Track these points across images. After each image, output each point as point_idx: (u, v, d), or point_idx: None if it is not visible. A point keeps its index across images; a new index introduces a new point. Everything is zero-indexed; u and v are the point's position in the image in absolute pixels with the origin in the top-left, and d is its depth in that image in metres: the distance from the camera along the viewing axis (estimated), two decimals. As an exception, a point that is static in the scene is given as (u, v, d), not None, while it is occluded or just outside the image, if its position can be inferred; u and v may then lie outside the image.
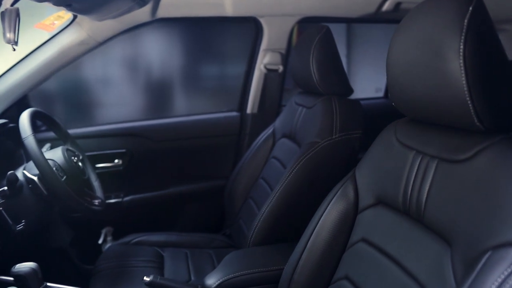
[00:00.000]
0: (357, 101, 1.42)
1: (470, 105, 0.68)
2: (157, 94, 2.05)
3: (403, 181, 0.85)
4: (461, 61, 0.68)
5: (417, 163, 0.82)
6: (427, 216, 0.78)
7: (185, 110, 2.09)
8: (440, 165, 0.77)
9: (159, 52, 2.09)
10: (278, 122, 1.71)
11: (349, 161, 1.34)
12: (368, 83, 2.37)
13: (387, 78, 0.88)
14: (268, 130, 1.74)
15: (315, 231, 1.03)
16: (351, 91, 1.46)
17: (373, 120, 1.46)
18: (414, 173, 0.83)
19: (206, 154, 2.00)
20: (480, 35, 0.68)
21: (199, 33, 2.08)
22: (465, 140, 0.74)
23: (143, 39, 2.01)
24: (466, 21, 0.68)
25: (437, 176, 0.77)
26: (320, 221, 1.03)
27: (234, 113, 2.05)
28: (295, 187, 1.32)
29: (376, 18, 1.90)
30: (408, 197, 0.83)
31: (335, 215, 1.01)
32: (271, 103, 2.01)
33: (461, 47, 0.68)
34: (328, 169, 1.33)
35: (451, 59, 0.69)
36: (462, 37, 0.68)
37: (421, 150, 0.82)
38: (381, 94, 2.34)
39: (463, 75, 0.68)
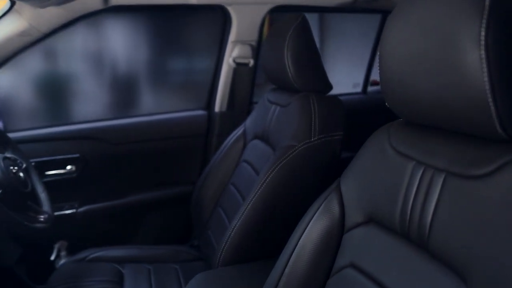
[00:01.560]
0: (337, 98, 1.27)
1: (492, 107, 0.54)
2: (114, 92, 1.84)
3: (401, 197, 0.70)
4: (482, 51, 0.53)
5: (418, 177, 0.68)
6: (433, 243, 0.63)
7: (146, 109, 1.89)
8: (449, 180, 0.63)
9: (116, 45, 1.89)
10: (249, 122, 1.55)
11: (331, 166, 1.19)
12: (344, 78, 2.23)
13: (380, 74, 0.73)
14: (238, 131, 1.58)
15: (294, 252, 0.87)
16: (330, 87, 1.31)
17: (352, 117, 1.32)
18: (414, 188, 0.68)
19: (171, 157, 1.81)
20: (507, 18, 0.53)
21: (161, 24, 1.89)
22: (483, 151, 0.60)
23: (99, 30, 1.81)
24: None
25: (445, 194, 0.63)
26: (300, 241, 0.87)
27: (201, 112, 1.87)
28: (269, 197, 1.16)
29: (355, 7, 1.76)
30: (408, 217, 0.68)
31: (318, 234, 0.86)
32: (241, 101, 1.85)
33: (482, 33, 0.53)
34: (307, 177, 1.18)
35: (469, 50, 0.54)
36: (484, 21, 0.53)
37: (423, 161, 0.68)
38: (359, 89, 2.21)
39: (485, 69, 0.53)
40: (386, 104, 0.75)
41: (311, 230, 0.87)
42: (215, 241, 1.44)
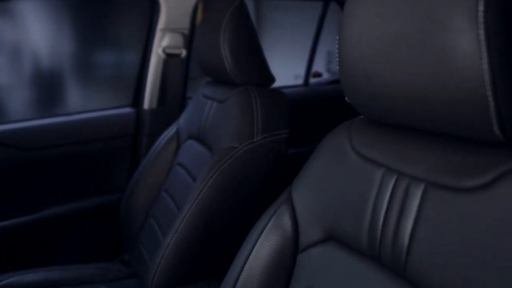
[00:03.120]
0: (281, 92, 1.14)
1: (491, 102, 0.42)
2: (25, 89, 1.59)
3: (368, 211, 0.58)
4: (481, 31, 0.41)
5: (390, 187, 0.56)
6: (412, 269, 0.51)
7: (64, 108, 1.65)
8: (430, 192, 0.51)
9: (29, 35, 1.64)
10: (182, 120, 1.38)
11: (276, 169, 1.06)
12: (284, 70, 2.12)
13: (339, 64, 0.60)
14: (171, 130, 1.40)
15: (240, 278, 0.73)
16: (272, 80, 1.18)
17: (294, 111, 1.19)
18: (385, 201, 0.56)
19: (94, 162, 1.59)
20: None
21: (81, 12, 1.67)
22: (475, 157, 0.48)
23: (9, 18, 1.55)
24: None
25: (426, 209, 0.51)
26: (247, 263, 0.73)
27: (128, 109, 1.66)
28: (208, 208, 1.00)
29: None
30: (379, 236, 0.56)
31: (267, 255, 0.72)
32: (173, 96, 1.67)
33: (481, 8, 0.40)
34: (251, 183, 1.03)
35: (462, 29, 0.42)
36: None
37: (396, 168, 0.55)
38: (300, 81, 2.09)
39: (484, 53, 0.41)
40: (346, 99, 0.63)
41: (259, 251, 0.73)
42: (148, 257, 1.26)
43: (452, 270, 0.46)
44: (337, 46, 0.60)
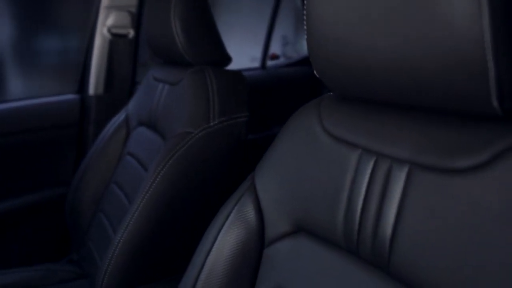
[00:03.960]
0: (239, 72, 1.05)
1: (491, 69, 0.36)
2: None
3: (343, 198, 0.51)
4: None
5: (368, 170, 0.49)
6: (397, 263, 0.45)
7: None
8: (416, 175, 0.44)
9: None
10: (132, 105, 1.27)
11: (236, 155, 0.98)
12: (240, 52, 2.03)
13: (307, 34, 0.52)
14: (119, 117, 1.29)
15: (201, 276, 0.65)
16: (228, 59, 1.09)
17: (251, 95, 1.12)
18: (364, 187, 0.49)
19: (36, 154, 1.45)
20: None
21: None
22: (469, 134, 0.42)
23: None
24: None
25: (411, 194, 0.44)
26: (208, 260, 0.65)
27: (72, 96, 1.52)
28: (162, 200, 0.91)
29: None
30: (356, 226, 0.50)
31: (230, 250, 0.64)
32: (121, 81, 1.54)
33: None
34: (209, 170, 0.95)
35: None
36: None
37: (374, 149, 0.49)
38: (257, 64, 2.01)
39: (485, 12, 0.34)
40: (316, 74, 0.55)
41: (221, 246, 0.65)
42: (98, 255, 1.16)
43: (444, 264, 0.40)
44: (295, 29, 0.52)
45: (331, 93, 0.61)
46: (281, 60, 2.41)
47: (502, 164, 0.38)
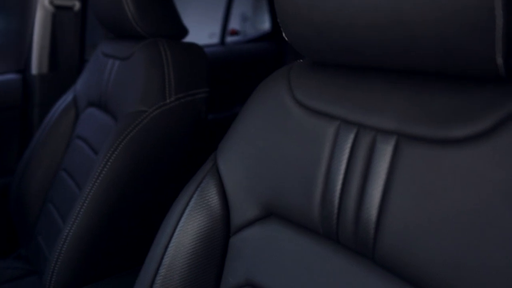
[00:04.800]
0: (196, 45, 0.96)
1: (498, 18, 0.30)
2: None
3: (320, 177, 0.45)
4: None
5: (348, 144, 0.43)
6: (385, 250, 0.39)
7: None
8: (406, 147, 0.38)
9: None
10: (80, 85, 1.16)
11: (196, 136, 0.90)
12: (198, 28, 1.91)
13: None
14: (67, 97, 1.18)
15: (160, 271, 0.58)
16: (184, 31, 1.00)
17: (211, 74, 1.04)
18: (343, 164, 0.43)
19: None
20: None
21: None
22: (466, 98, 0.36)
23: None
24: None
25: (400, 170, 0.38)
26: (168, 252, 0.58)
27: (13, 76, 1.38)
28: (115, 186, 0.82)
29: None
30: (335, 210, 0.43)
31: (192, 240, 0.57)
32: (67, 58, 1.41)
33: None
34: (166, 153, 0.87)
35: None
36: None
37: (355, 120, 0.42)
38: (216, 40, 1.91)
39: None
40: (285, 37, 0.48)
41: (181, 236, 0.57)
42: (48, 250, 1.06)
43: (438, 250, 0.35)
44: (254, 5, 0.44)
45: (301, 60, 0.54)
46: (242, 36, 2.32)
47: (507, 131, 0.32)
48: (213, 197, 0.57)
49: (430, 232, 0.35)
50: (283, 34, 0.48)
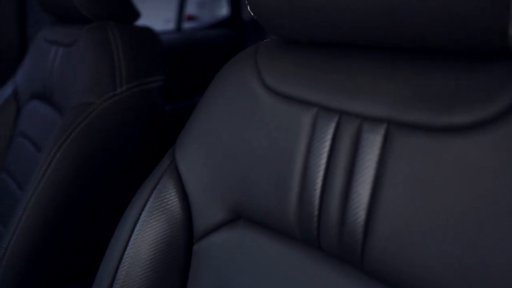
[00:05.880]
0: (149, 29, 0.88)
1: None
2: None
3: (296, 174, 0.39)
4: None
5: (329, 134, 0.36)
6: (374, 256, 0.33)
7: None
8: (399, 137, 0.32)
9: None
10: (21, 76, 1.05)
11: (151, 129, 0.82)
12: (153, 13, 1.80)
13: None
14: (6, 90, 1.06)
15: (115, 283, 0.50)
16: (135, 14, 0.91)
17: (167, 62, 0.95)
18: (323, 158, 0.37)
19: None
20: None
21: None
22: (470, 77, 0.30)
23: None
24: None
25: (392, 164, 0.33)
26: (123, 264, 0.50)
27: None
28: (61, 189, 0.73)
29: None
30: (315, 212, 0.37)
31: (149, 249, 0.50)
32: (5, 46, 1.28)
33: None
34: (118, 149, 0.78)
35: None
36: None
37: (335, 106, 0.36)
38: (171, 26, 1.80)
39: None
40: (252, 14, 0.41)
41: (138, 245, 0.50)
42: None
43: (437, 256, 0.29)
44: None
45: (269, 40, 0.47)
46: (198, 22, 2.22)
47: None
48: (172, 200, 0.50)
49: (428, 234, 0.30)
50: (248, 8, 0.41)
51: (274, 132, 0.40)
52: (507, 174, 0.27)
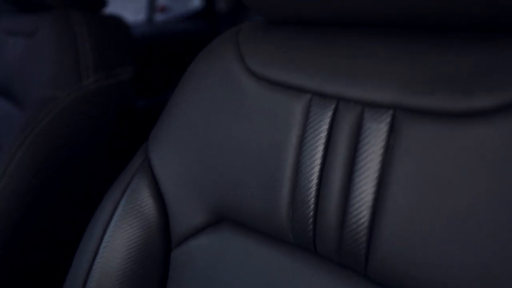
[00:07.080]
0: (117, 17, 0.81)
1: None
2: None
3: (287, 170, 0.34)
4: None
5: (325, 124, 0.32)
6: (380, 261, 0.29)
7: None
8: (406, 125, 0.28)
9: None
10: (-23, 69, 0.97)
11: (121, 125, 0.76)
12: (120, 2, 1.73)
13: None
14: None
15: None
16: (102, 2, 0.85)
17: (138, 56, 0.90)
18: (319, 151, 0.32)
19: None
20: None
21: None
22: (495, 55, 0.26)
23: None
24: None
25: (399, 157, 0.28)
26: (93, 273, 0.45)
27: None
28: (21, 193, 0.67)
29: None
30: (310, 212, 0.33)
31: (123, 258, 0.44)
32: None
33: None
34: (85, 148, 0.72)
35: None
36: None
37: (332, 91, 0.32)
38: (142, 16, 1.73)
39: None
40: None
41: (109, 252, 0.45)
42: None
43: (453, 259, 0.25)
44: None
45: (252, 22, 0.42)
46: (170, 14, 2.14)
47: None
48: (147, 202, 0.44)
49: (442, 235, 0.26)
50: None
51: (261, 123, 0.35)
52: None
